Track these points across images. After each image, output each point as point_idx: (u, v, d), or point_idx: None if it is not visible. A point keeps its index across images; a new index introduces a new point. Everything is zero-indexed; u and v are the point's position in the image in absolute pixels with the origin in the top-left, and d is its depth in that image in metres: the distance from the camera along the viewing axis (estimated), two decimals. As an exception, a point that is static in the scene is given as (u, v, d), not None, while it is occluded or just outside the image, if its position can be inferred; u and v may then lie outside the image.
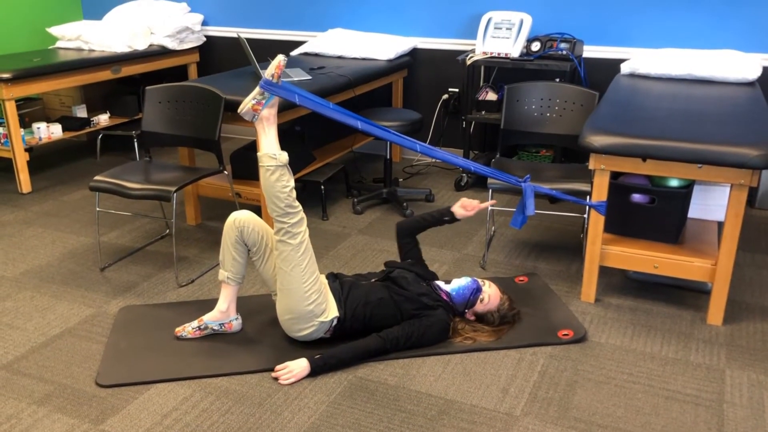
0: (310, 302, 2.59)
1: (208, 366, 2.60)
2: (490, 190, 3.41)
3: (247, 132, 5.71)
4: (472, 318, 2.84)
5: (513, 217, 2.72)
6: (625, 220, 3.07)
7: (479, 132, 4.96)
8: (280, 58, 2.50)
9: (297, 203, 2.58)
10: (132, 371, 2.57)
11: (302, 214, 2.59)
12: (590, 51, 4.51)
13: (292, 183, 2.57)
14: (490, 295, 2.82)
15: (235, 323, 2.82)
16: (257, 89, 2.52)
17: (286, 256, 2.56)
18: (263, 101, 2.55)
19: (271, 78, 2.49)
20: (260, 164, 2.54)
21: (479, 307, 2.81)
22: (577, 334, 2.80)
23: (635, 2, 4.34)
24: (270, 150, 2.55)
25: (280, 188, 2.53)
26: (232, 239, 2.71)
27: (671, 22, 4.30)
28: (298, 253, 2.57)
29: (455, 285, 2.84)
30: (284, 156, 2.55)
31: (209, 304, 2.92)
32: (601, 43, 4.49)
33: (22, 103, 4.92)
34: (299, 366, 2.54)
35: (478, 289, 2.81)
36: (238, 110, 2.57)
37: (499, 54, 4.31)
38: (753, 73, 3.68)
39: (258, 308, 3.00)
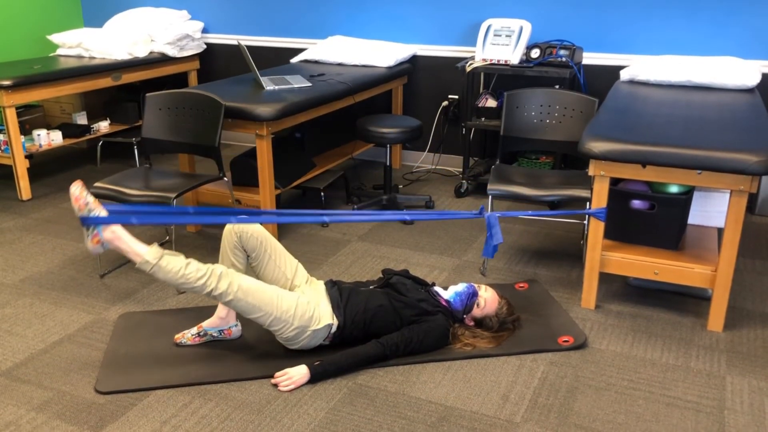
0: (293, 328, 2.57)
1: (208, 373, 2.60)
2: (490, 197, 3.41)
3: (247, 138, 5.72)
4: (472, 323, 2.83)
5: (484, 248, 2.66)
6: (625, 227, 3.07)
7: (479, 139, 4.96)
8: (72, 190, 2.38)
9: (204, 267, 2.47)
10: (131, 378, 2.56)
11: (220, 270, 2.48)
12: (590, 58, 4.52)
13: (181, 260, 2.44)
14: (487, 299, 2.81)
15: (235, 330, 2.81)
16: (84, 227, 2.42)
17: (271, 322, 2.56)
18: (96, 232, 2.41)
19: (87, 213, 2.36)
20: (148, 273, 2.43)
21: (477, 312, 2.81)
22: (577, 341, 2.79)
23: (635, 9, 4.35)
24: (142, 257, 2.41)
25: (182, 275, 2.42)
26: (231, 245, 2.71)
27: (671, 29, 4.31)
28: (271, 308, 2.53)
29: (452, 291, 2.84)
30: (152, 251, 2.42)
31: (209, 311, 2.92)
32: (601, 50, 4.50)
33: (22, 110, 4.93)
34: (299, 372, 2.53)
35: (474, 293, 2.81)
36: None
37: (498, 61, 4.32)
38: (752, 80, 3.68)
39: (258, 315, 2.99)
